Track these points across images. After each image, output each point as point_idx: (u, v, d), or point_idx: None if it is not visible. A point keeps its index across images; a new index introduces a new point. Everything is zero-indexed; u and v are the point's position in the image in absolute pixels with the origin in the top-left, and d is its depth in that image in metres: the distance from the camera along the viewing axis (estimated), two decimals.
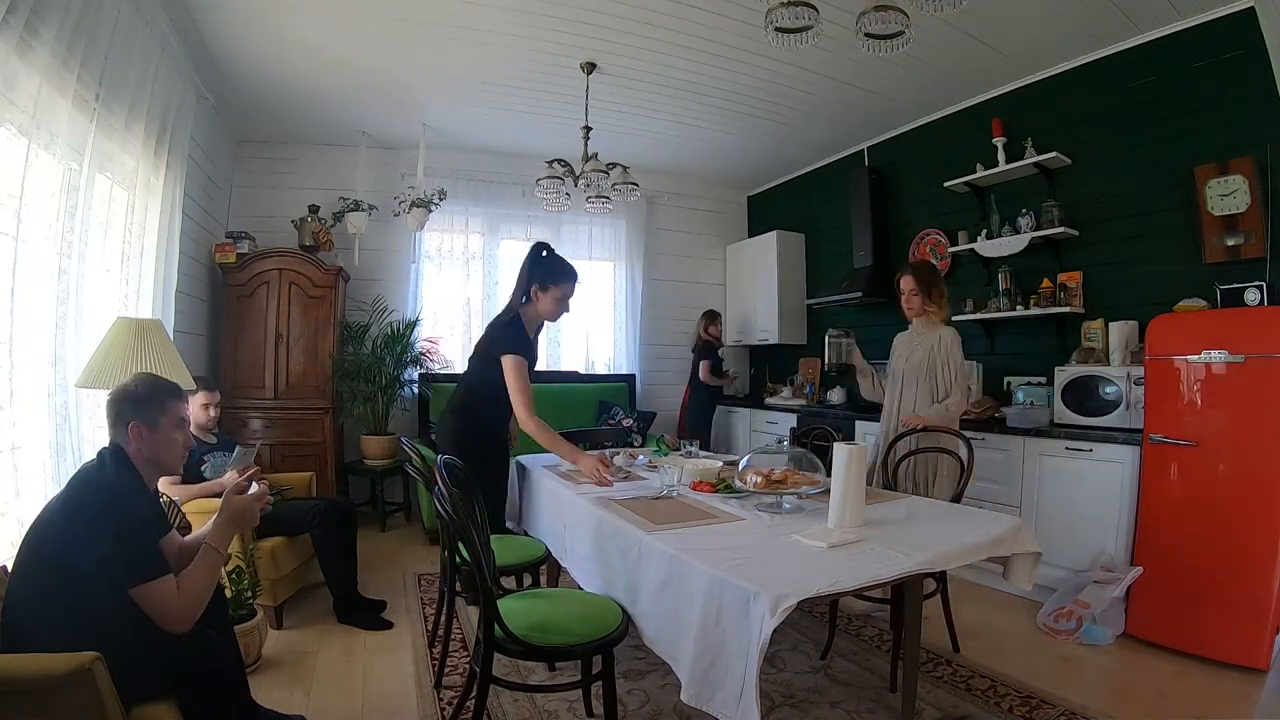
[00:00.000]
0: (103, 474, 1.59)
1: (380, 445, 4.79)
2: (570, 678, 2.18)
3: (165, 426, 1.70)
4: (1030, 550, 1.96)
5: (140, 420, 1.66)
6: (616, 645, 1.82)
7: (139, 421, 1.66)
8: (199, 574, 1.62)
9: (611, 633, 1.80)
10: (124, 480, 1.60)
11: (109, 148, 2.85)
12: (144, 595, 1.48)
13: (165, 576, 1.52)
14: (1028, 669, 2.62)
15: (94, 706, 1.23)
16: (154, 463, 1.70)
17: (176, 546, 1.81)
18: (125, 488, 1.59)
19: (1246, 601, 2.55)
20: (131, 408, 1.67)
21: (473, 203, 5.57)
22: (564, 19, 3.40)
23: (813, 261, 5.95)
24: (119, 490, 1.56)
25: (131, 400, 1.68)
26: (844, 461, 1.90)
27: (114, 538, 1.45)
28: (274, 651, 2.73)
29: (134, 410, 1.66)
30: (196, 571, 1.62)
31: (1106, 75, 3.63)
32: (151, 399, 1.70)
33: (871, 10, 2.09)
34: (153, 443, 1.68)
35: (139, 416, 1.66)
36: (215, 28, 3.45)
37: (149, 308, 3.23)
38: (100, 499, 1.51)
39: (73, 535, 1.45)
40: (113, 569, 1.45)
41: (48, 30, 2.24)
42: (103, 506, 1.49)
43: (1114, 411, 3.22)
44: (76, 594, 1.42)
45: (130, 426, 1.65)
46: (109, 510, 1.48)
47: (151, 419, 1.68)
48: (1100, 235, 3.67)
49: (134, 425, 1.65)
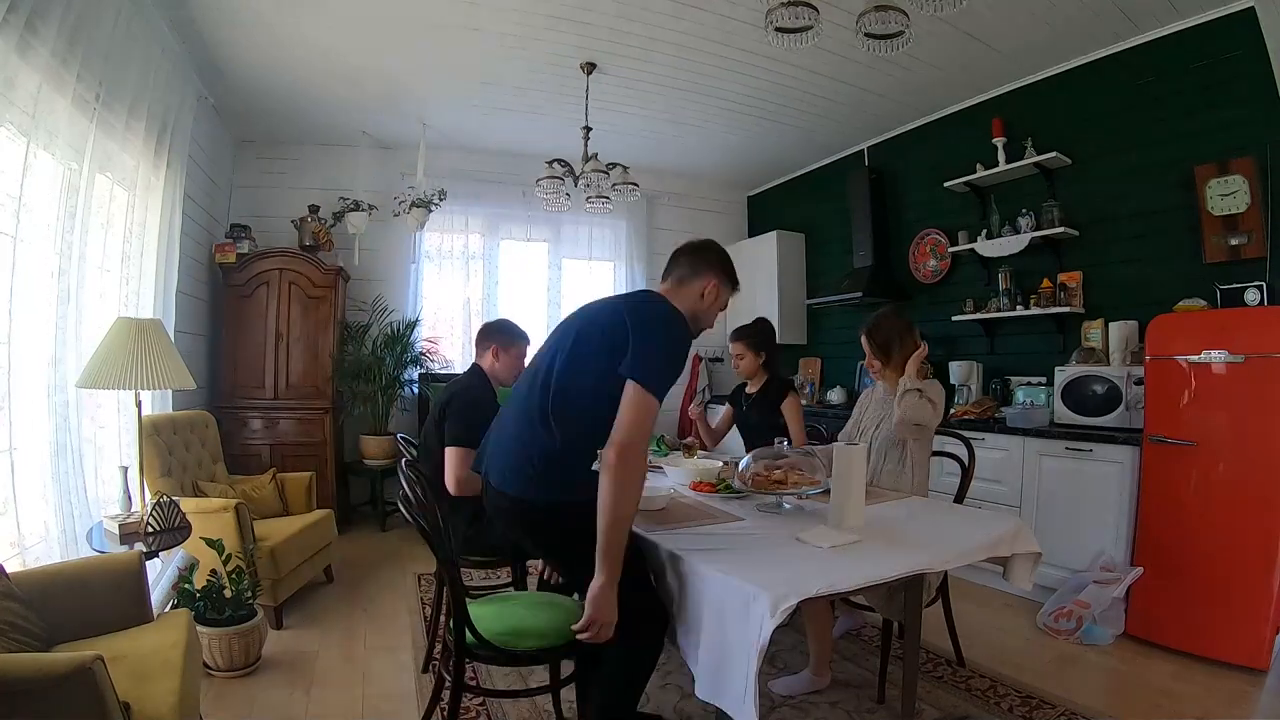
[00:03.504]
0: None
1: (380, 445, 4.79)
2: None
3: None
4: (1030, 550, 1.96)
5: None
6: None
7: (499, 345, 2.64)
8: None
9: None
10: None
11: (109, 147, 2.84)
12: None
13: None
14: (1028, 669, 2.62)
15: (94, 706, 1.23)
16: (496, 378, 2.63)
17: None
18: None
19: (1246, 601, 2.55)
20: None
21: (473, 203, 5.57)
22: (564, 19, 3.40)
23: (813, 261, 5.95)
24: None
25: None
26: (844, 462, 1.90)
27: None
28: (274, 651, 2.72)
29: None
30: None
31: (1106, 75, 3.63)
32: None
33: (871, 10, 2.09)
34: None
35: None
36: (215, 28, 3.45)
37: (149, 308, 3.23)
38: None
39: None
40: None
41: (48, 29, 2.24)
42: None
43: (1114, 411, 3.22)
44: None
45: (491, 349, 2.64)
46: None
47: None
48: (1100, 235, 3.67)
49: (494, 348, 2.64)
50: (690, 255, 1.90)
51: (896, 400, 2.40)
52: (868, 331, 2.61)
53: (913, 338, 2.55)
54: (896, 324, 2.59)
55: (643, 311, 1.73)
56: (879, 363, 2.59)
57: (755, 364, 3.20)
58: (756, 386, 3.25)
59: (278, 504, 3.55)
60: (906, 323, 2.60)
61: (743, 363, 3.22)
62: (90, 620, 1.86)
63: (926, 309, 4.62)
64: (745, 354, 3.20)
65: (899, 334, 2.55)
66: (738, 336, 3.24)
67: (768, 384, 3.21)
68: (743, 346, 3.20)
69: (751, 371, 3.23)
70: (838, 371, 5.58)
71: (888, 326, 2.59)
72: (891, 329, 2.58)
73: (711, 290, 1.87)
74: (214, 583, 2.52)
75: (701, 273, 1.86)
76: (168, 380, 2.42)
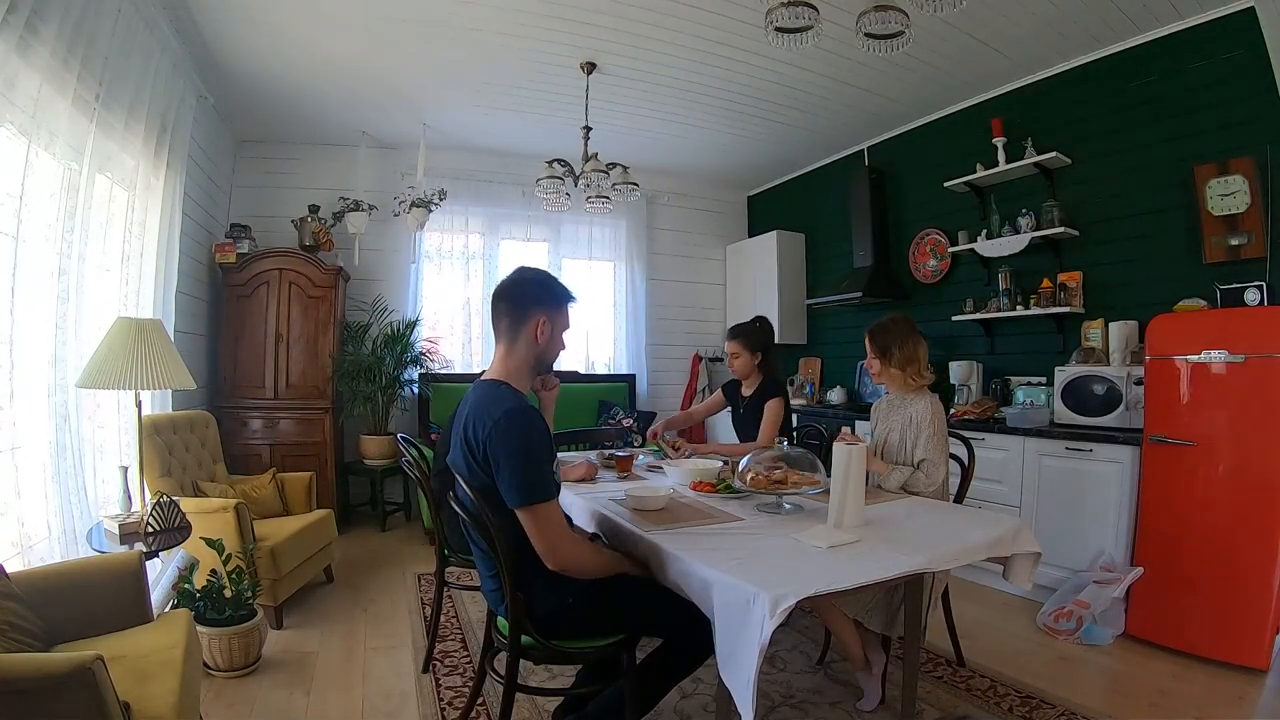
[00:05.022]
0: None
1: (380, 445, 4.79)
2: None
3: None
4: (1030, 550, 1.96)
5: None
6: (636, 644, 1.80)
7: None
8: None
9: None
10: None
11: (109, 148, 2.84)
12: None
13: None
14: (1028, 669, 2.62)
15: (94, 706, 1.23)
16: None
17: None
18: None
19: (1246, 601, 2.55)
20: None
21: (473, 203, 5.57)
22: (564, 19, 3.40)
23: (813, 261, 5.95)
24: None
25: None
26: (844, 461, 1.90)
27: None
28: (274, 651, 2.73)
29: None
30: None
31: (1106, 75, 3.63)
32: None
33: (871, 10, 2.09)
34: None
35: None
36: (215, 28, 3.45)
37: (149, 308, 3.23)
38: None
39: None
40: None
41: (48, 30, 2.24)
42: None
43: (1114, 411, 3.22)
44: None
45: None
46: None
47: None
48: (1100, 235, 3.67)
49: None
50: (508, 303, 1.78)
51: (893, 482, 2.44)
52: (871, 332, 2.61)
53: (915, 344, 2.54)
54: (902, 329, 2.57)
55: (485, 437, 1.65)
56: (878, 363, 2.57)
57: (750, 364, 3.09)
58: (752, 388, 3.16)
59: (278, 504, 3.55)
60: (912, 328, 2.58)
61: (737, 362, 3.11)
62: (90, 620, 1.86)
63: (926, 309, 4.62)
64: (740, 353, 3.09)
65: (902, 339, 2.54)
66: (733, 335, 3.13)
67: (763, 385, 3.11)
68: (738, 345, 3.09)
69: (746, 372, 3.12)
70: (838, 371, 5.58)
71: (894, 331, 2.56)
72: (896, 334, 2.56)
73: (543, 326, 1.77)
74: (214, 583, 2.52)
75: (526, 316, 1.76)
76: (168, 380, 2.42)
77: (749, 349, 3.09)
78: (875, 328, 2.61)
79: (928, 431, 2.42)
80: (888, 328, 2.58)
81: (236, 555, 2.64)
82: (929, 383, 2.54)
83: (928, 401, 2.47)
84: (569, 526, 1.83)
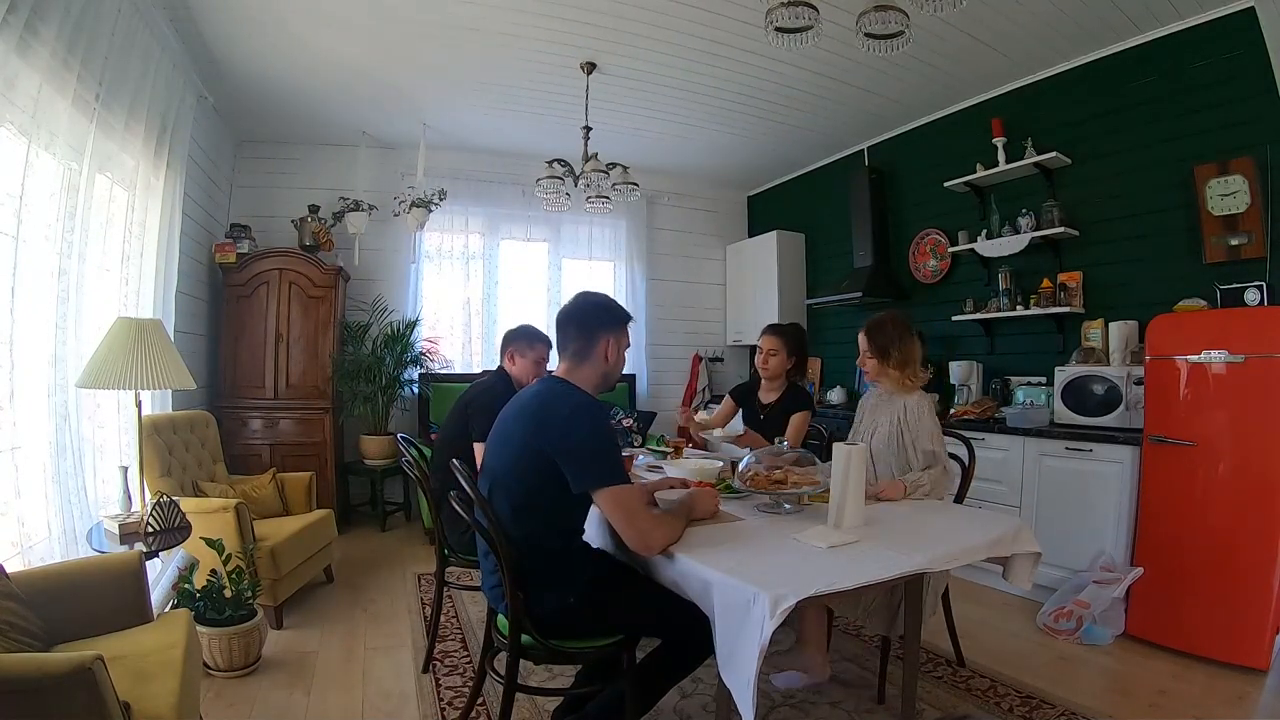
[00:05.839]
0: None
1: (380, 445, 4.79)
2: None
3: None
4: (1030, 550, 1.96)
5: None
6: (636, 644, 1.80)
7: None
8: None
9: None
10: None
11: (109, 148, 2.84)
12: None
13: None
14: (1028, 669, 2.62)
15: (94, 706, 1.23)
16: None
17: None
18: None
19: (1246, 601, 2.55)
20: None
21: (473, 203, 5.57)
22: (564, 19, 3.40)
23: (813, 261, 5.95)
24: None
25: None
26: (843, 461, 1.90)
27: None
28: (274, 651, 2.73)
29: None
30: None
31: (1106, 75, 3.63)
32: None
33: (871, 10, 2.08)
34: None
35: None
36: (215, 27, 3.45)
37: (149, 308, 3.23)
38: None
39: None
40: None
41: (48, 30, 2.24)
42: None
43: (1114, 411, 3.22)
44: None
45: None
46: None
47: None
48: (1100, 235, 3.67)
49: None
50: (577, 325, 1.86)
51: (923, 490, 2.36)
52: (867, 330, 2.56)
53: (912, 344, 2.50)
54: (899, 328, 2.52)
55: (564, 418, 1.72)
56: (874, 361, 2.52)
57: (783, 367, 3.06)
58: (774, 394, 3.10)
59: (278, 504, 3.55)
60: (908, 327, 2.54)
61: (773, 360, 3.06)
62: (90, 620, 1.86)
63: (926, 309, 4.63)
64: (779, 351, 3.04)
65: (900, 339, 2.49)
66: (776, 332, 3.08)
67: (788, 394, 3.07)
68: (779, 343, 3.04)
69: (777, 372, 3.08)
70: (838, 371, 5.58)
71: (884, 326, 2.53)
72: (890, 328, 2.52)
73: (612, 347, 1.86)
74: (214, 583, 2.52)
75: (596, 338, 1.84)
76: (168, 380, 2.42)
77: (787, 350, 3.06)
78: (872, 326, 2.55)
79: (930, 425, 2.39)
80: (885, 327, 2.53)
81: (236, 555, 2.64)
82: (924, 383, 2.53)
83: (919, 395, 2.45)
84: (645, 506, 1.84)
